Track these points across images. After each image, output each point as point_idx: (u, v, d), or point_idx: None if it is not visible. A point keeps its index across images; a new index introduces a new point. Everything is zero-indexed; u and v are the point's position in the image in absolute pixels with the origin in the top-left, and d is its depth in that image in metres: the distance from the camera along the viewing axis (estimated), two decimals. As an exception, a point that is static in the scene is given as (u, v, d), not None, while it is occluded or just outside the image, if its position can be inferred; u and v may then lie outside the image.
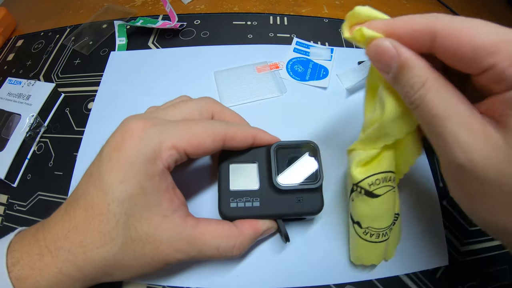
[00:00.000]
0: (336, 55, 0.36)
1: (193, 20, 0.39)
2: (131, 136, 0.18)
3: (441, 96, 0.15)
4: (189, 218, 0.20)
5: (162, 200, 0.19)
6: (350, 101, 0.33)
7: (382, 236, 0.22)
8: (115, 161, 0.18)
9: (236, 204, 0.22)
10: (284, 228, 0.22)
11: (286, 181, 0.22)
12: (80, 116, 0.32)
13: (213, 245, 0.20)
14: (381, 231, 0.22)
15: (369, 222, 0.22)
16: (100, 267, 0.18)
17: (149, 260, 0.19)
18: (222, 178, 0.23)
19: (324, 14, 0.41)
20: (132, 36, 0.38)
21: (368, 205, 0.22)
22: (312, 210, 0.22)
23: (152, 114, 0.21)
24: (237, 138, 0.21)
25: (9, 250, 0.18)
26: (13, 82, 0.36)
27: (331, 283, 0.24)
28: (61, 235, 0.18)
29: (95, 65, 0.36)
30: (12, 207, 0.28)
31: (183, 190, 0.21)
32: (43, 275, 0.17)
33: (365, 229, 0.22)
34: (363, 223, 0.22)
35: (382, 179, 0.21)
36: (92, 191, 0.18)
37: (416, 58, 0.16)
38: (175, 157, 0.19)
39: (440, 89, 0.15)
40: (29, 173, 0.30)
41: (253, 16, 0.40)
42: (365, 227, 0.22)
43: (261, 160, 0.23)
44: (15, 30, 0.43)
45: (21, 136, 0.31)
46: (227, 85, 0.33)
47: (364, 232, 0.23)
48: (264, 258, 0.24)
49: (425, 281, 0.24)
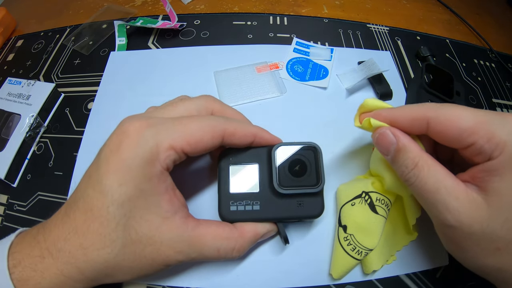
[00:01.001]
0: (336, 55, 0.36)
1: (193, 20, 0.39)
2: (127, 138, 0.18)
3: (431, 173, 0.19)
4: (190, 219, 0.20)
5: (162, 202, 0.19)
6: (350, 101, 0.33)
7: (357, 252, 0.23)
8: (113, 163, 0.18)
9: (236, 207, 0.22)
10: (284, 231, 0.22)
11: (287, 185, 0.22)
12: (80, 116, 0.32)
13: (213, 246, 0.20)
14: (359, 246, 0.23)
15: (355, 230, 0.23)
16: (101, 269, 0.18)
17: (150, 262, 0.19)
18: (222, 179, 0.23)
19: (324, 14, 0.41)
20: (132, 36, 0.38)
21: (363, 215, 0.23)
22: (313, 214, 0.22)
23: (150, 114, 0.21)
24: (237, 134, 0.21)
25: (10, 252, 0.18)
26: (13, 82, 0.36)
27: (331, 283, 0.24)
28: (62, 237, 0.18)
29: (95, 65, 0.36)
30: (12, 207, 0.28)
31: (183, 190, 0.21)
32: (45, 277, 0.17)
33: (348, 235, 0.23)
34: (349, 228, 0.23)
35: (386, 203, 0.23)
36: (91, 193, 0.18)
37: (411, 143, 0.20)
38: (173, 157, 0.19)
39: (430, 168, 0.19)
40: (29, 173, 0.30)
41: (253, 16, 0.40)
42: (348, 232, 0.23)
43: (262, 161, 0.23)
44: (15, 30, 0.43)
45: (21, 136, 0.31)
46: (227, 85, 0.33)
47: (345, 238, 0.23)
48: (264, 259, 0.24)
49: (425, 281, 0.24)
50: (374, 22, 0.40)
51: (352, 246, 0.23)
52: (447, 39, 0.41)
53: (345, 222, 0.23)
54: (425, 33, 0.40)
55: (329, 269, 0.24)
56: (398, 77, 0.35)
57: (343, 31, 0.39)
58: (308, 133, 0.30)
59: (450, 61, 0.38)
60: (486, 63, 0.39)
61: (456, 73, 0.37)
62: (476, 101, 0.35)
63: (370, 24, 0.40)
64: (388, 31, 0.39)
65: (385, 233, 0.24)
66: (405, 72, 0.36)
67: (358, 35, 0.39)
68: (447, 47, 0.40)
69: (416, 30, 0.40)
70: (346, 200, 0.24)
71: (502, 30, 0.44)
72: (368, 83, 0.34)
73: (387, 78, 0.33)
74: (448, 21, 0.44)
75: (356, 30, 0.39)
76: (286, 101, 0.32)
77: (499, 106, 0.35)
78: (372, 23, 0.40)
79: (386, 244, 0.24)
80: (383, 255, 0.24)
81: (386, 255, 0.24)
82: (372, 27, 0.40)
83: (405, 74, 0.35)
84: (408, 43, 0.38)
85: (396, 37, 0.39)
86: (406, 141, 0.20)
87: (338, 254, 0.23)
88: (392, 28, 0.40)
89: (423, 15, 0.43)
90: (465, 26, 0.43)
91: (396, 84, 0.34)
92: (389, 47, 0.38)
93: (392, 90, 0.33)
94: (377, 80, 0.33)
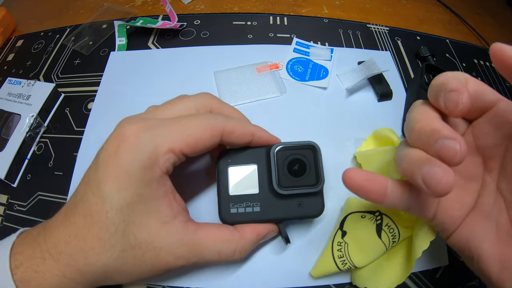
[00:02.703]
0: (336, 55, 0.36)
1: (193, 20, 0.39)
2: (125, 141, 0.18)
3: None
4: (190, 223, 0.20)
5: (161, 206, 0.19)
6: (350, 101, 0.33)
7: (343, 262, 0.22)
8: (111, 168, 0.18)
9: (237, 209, 0.22)
10: (285, 231, 0.22)
11: (287, 186, 0.22)
12: (80, 116, 0.32)
13: (214, 250, 0.20)
14: (347, 257, 0.22)
15: (352, 240, 0.23)
16: (100, 272, 0.18)
17: (149, 267, 0.19)
18: (221, 182, 0.22)
19: (324, 14, 0.41)
20: (132, 36, 0.38)
21: (367, 232, 0.23)
22: (313, 214, 0.22)
23: (149, 114, 0.21)
24: (236, 132, 0.21)
25: (12, 253, 0.18)
26: (13, 82, 0.36)
27: (331, 283, 0.24)
28: (62, 240, 0.18)
29: (95, 65, 0.36)
30: (12, 207, 0.28)
31: (182, 193, 0.21)
32: (46, 278, 0.17)
33: (343, 242, 0.23)
34: (348, 236, 0.23)
35: (393, 234, 0.22)
36: (90, 197, 0.18)
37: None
38: (172, 160, 0.19)
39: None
40: (29, 173, 0.30)
41: (253, 16, 0.40)
42: (345, 240, 0.23)
43: (260, 161, 0.23)
44: (15, 30, 0.43)
45: (21, 136, 0.31)
46: (227, 85, 0.33)
47: (339, 243, 0.23)
48: (264, 259, 0.24)
49: (425, 281, 0.24)
50: (374, 22, 0.40)
51: (341, 254, 0.23)
52: (447, 39, 0.41)
53: (346, 228, 0.23)
54: (425, 33, 0.40)
55: (312, 267, 0.24)
56: (398, 77, 0.35)
57: (343, 31, 0.39)
58: (308, 133, 0.30)
59: (450, 61, 0.38)
60: (486, 63, 0.39)
61: (456, 73, 0.37)
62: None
63: (370, 24, 0.40)
64: (388, 31, 0.39)
65: (382, 264, 0.23)
66: (405, 72, 0.36)
67: (358, 35, 0.39)
68: (447, 47, 0.40)
69: (416, 30, 0.40)
70: (358, 210, 0.24)
71: (502, 30, 0.44)
72: (368, 83, 0.34)
73: (387, 78, 0.34)
74: (448, 21, 0.44)
75: (356, 30, 0.39)
76: (286, 101, 0.32)
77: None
78: (372, 23, 0.40)
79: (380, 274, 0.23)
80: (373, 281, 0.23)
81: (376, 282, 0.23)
82: (372, 27, 0.40)
83: (405, 74, 0.35)
84: (408, 43, 0.38)
85: (396, 37, 0.39)
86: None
87: (325, 255, 0.23)
88: (392, 28, 0.40)
89: (423, 15, 0.43)
90: (465, 26, 0.43)
91: (396, 84, 0.34)
92: (389, 47, 0.38)
93: (392, 90, 0.33)
94: (377, 80, 0.33)
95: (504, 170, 0.18)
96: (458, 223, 0.19)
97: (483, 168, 0.19)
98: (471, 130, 0.19)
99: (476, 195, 0.19)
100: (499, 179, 0.18)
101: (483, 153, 0.19)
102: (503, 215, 0.18)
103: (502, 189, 0.18)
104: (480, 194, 0.19)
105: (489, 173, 0.19)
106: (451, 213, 0.18)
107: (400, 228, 0.23)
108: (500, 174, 0.18)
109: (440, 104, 0.17)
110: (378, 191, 0.18)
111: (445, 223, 0.19)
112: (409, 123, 0.18)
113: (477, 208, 0.19)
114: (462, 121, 0.20)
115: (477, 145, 0.19)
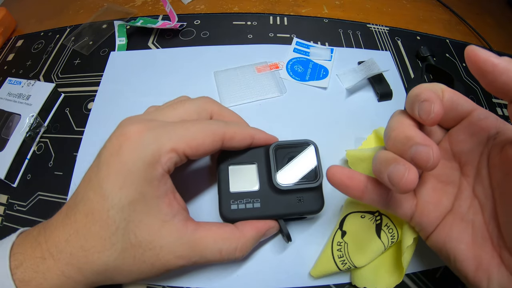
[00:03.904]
0: (336, 55, 0.36)
1: (193, 20, 0.39)
2: (128, 140, 0.18)
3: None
4: (190, 222, 0.20)
5: (162, 205, 0.19)
6: (350, 101, 0.33)
7: (342, 262, 0.22)
8: (113, 167, 0.18)
9: (237, 206, 0.22)
10: (286, 228, 0.22)
11: (286, 181, 0.22)
12: (80, 116, 0.32)
13: (215, 248, 0.20)
14: (347, 257, 0.22)
15: (352, 240, 0.23)
16: (101, 271, 0.18)
17: (150, 267, 0.19)
18: (222, 180, 0.23)
19: (324, 14, 0.41)
20: (132, 36, 0.38)
21: (366, 232, 0.23)
22: (313, 209, 0.22)
23: (150, 115, 0.21)
24: (236, 138, 0.21)
25: (12, 252, 0.18)
26: (13, 82, 0.36)
27: (331, 283, 0.24)
28: (63, 238, 0.18)
29: (95, 65, 0.36)
30: (12, 207, 0.28)
31: (183, 192, 0.21)
32: (46, 278, 0.17)
33: (342, 242, 0.23)
34: (347, 235, 0.23)
35: (392, 234, 0.23)
36: (91, 196, 0.18)
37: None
38: (174, 160, 0.19)
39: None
40: (29, 173, 0.30)
41: (253, 16, 0.40)
42: (345, 240, 0.23)
43: (260, 160, 0.23)
44: (15, 30, 0.43)
45: (21, 136, 0.31)
46: (227, 85, 0.33)
47: (339, 243, 0.23)
48: (264, 258, 0.24)
49: (425, 281, 0.24)
50: (374, 22, 0.40)
51: (341, 254, 0.23)
52: (447, 39, 0.41)
53: (346, 228, 0.23)
54: (425, 33, 0.40)
55: (311, 267, 0.23)
56: (398, 77, 0.35)
57: (343, 31, 0.39)
58: (308, 133, 0.30)
59: (450, 61, 0.38)
60: (486, 63, 0.39)
61: (456, 73, 0.37)
62: (476, 101, 0.35)
63: (370, 24, 0.40)
64: (388, 31, 0.39)
65: (381, 264, 0.23)
66: (405, 72, 0.36)
67: (358, 35, 0.39)
68: (447, 47, 0.40)
69: (416, 30, 0.40)
70: (357, 210, 0.24)
71: (502, 30, 0.44)
72: (368, 83, 0.34)
73: (387, 78, 0.34)
74: (448, 21, 0.44)
75: (356, 30, 0.39)
76: (286, 101, 0.32)
77: (499, 106, 0.35)
78: (372, 23, 0.40)
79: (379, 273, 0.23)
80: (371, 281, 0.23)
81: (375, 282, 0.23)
82: (372, 27, 0.40)
83: (405, 74, 0.35)
84: (408, 43, 0.38)
85: (396, 37, 0.39)
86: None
87: (325, 255, 0.23)
88: (392, 28, 0.40)
89: (423, 15, 0.43)
90: (465, 26, 0.43)
91: (396, 84, 0.34)
92: (389, 47, 0.38)
93: (392, 90, 0.33)
94: (377, 80, 0.33)
95: (479, 175, 0.19)
96: (435, 224, 0.19)
97: (460, 173, 0.20)
98: (448, 138, 0.21)
99: (453, 199, 0.20)
100: (475, 183, 0.19)
101: (459, 159, 0.20)
102: (478, 218, 0.19)
103: (478, 193, 0.19)
104: (457, 198, 0.20)
105: (465, 178, 0.20)
106: (428, 215, 0.20)
107: (399, 228, 0.23)
108: (476, 179, 0.19)
109: (415, 113, 0.18)
110: (357, 187, 0.20)
111: (422, 223, 0.20)
112: (386, 130, 0.20)
113: (454, 211, 0.19)
114: (439, 129, 0.21)
115: (453, 151, 0.20)
